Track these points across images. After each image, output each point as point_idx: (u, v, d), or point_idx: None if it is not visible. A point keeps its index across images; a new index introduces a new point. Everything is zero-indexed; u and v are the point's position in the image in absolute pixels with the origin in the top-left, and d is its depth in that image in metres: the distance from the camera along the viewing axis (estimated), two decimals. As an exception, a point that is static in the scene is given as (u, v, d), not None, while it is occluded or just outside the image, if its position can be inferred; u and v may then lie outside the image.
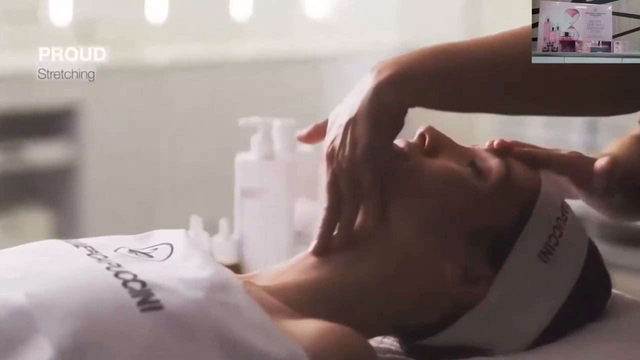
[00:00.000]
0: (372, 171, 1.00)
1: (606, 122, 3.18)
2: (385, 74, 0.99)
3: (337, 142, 1.01)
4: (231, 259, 1.48)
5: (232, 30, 3.66)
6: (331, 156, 1.02)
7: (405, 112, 1.00)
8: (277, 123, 1.50)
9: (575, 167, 1.08)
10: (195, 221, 1.49)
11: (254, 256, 1.49)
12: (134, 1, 3.51)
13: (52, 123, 3.30)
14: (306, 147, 1.53)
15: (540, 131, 3.33)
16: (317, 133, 1.11)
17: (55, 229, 3.34)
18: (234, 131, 1.56)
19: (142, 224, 2.39)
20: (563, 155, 1.09)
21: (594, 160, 1.08)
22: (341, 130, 1.01)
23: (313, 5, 3.78)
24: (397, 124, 1.01)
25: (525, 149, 1.08)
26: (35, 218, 3.34)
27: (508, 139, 1.08)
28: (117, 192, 3.34)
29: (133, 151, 3.36)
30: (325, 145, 1.04)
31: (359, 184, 1.01)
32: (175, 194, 3.39)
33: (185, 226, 1.40)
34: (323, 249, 1.03)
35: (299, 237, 1.47)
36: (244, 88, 3.49)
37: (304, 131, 1.14)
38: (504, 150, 1.06)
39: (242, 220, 1.50)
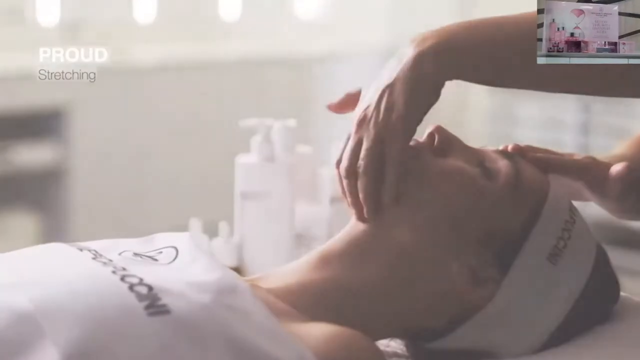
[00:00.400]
0: (402, 139, 0.99)
1: (599, 123, 3.18)
2: (427, 44, 0.99)
3: (371, 109, 1.00)
4: (231, 263, 1.48)
5: (221, 31, 3.65)
6: (362, 123, 1.01)
7: (443, 84, 1.00)
8: (277, 125, 1.49)
9: (590, 173, 1.07)
10: (195, 224, 1.48)
11: (255, 259, 1.48)
12: (122, 1, 3.49)
13: (40, 124, 3.28)
14: (306, 149, 1.53)
15: (533, 132, 3.33)
16: (349, 102, 1.08)
17: (44, 233, 3.32)
18: (226, 132, 1.55)
19: (139, 228, 2.37)
20: (577, 161, 1.08)
21: (608, 165, 1.07)
22: (376, 96, 1.00)
23: (303, 6, 3.77)
24: (434, 95, 1.00)
25: (539, 154, 1.07)
26: (23, 221, 3.32)
27: (506, 142, 1.08)
28: (110, 195, 3.32)
29: (125, 153, 3.34)
30: (357, 112, 1.02)
31: (382, 152, 0.99)
32: (173, 196, 3.37)
33: (184, 229, 1.39)
34: (363, 215, 1.01)
35: (300, 240, 1.47)
36: (234, 88, 3.48)
37: (335, 100, 1.10)
38: (517, 154, 1.05)
39: (242, 223, 1.49)
